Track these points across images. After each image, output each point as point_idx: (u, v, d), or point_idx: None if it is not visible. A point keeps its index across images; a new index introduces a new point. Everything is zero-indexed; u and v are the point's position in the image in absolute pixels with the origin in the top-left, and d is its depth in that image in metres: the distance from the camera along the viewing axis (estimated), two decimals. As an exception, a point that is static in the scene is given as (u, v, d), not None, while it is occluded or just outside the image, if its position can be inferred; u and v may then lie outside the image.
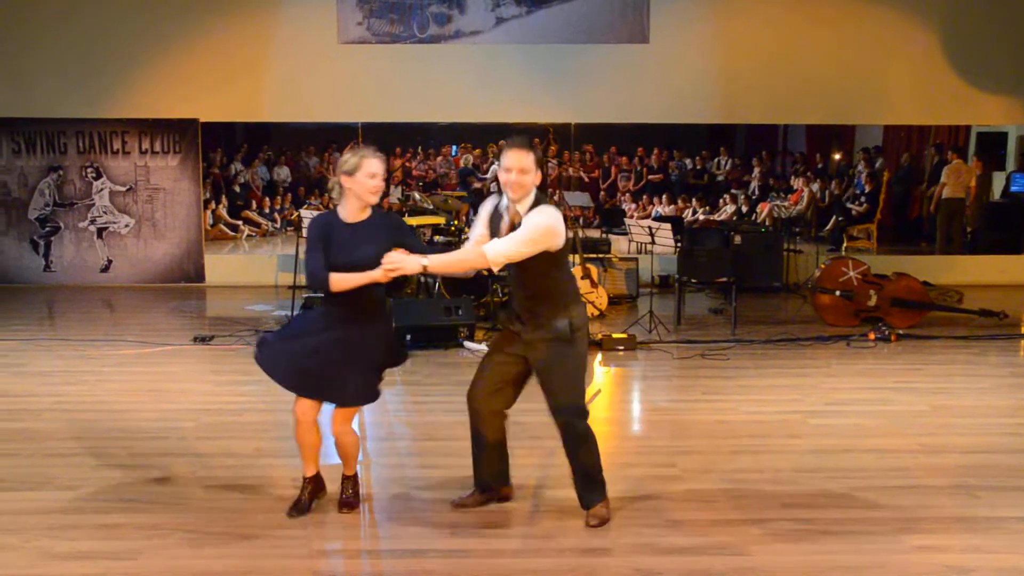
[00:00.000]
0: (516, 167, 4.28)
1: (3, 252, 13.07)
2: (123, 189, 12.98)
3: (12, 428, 6.32)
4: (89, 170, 12.93)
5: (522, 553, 4.30)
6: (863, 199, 13.23)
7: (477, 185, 13.04)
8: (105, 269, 13.11)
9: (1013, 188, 13.20)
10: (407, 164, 13.91)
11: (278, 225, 15.50)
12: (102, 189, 12.96)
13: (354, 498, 4.83)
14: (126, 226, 13.03)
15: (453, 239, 10.33)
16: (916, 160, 13.16)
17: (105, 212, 13.02)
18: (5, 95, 12.77)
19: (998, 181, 13.21)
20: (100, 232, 13.07)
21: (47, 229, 13.04)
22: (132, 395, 7.16)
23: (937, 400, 7.05)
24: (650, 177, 13.21)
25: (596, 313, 10.19)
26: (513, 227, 4.36)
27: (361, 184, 4.36)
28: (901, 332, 9.45)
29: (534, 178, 4.34)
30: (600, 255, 11.77)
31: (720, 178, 13.23)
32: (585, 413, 4.57)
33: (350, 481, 4.85)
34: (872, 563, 4.18)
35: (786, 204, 13.13)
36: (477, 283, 9.93)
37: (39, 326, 10.37)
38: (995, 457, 5.70)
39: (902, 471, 5.43)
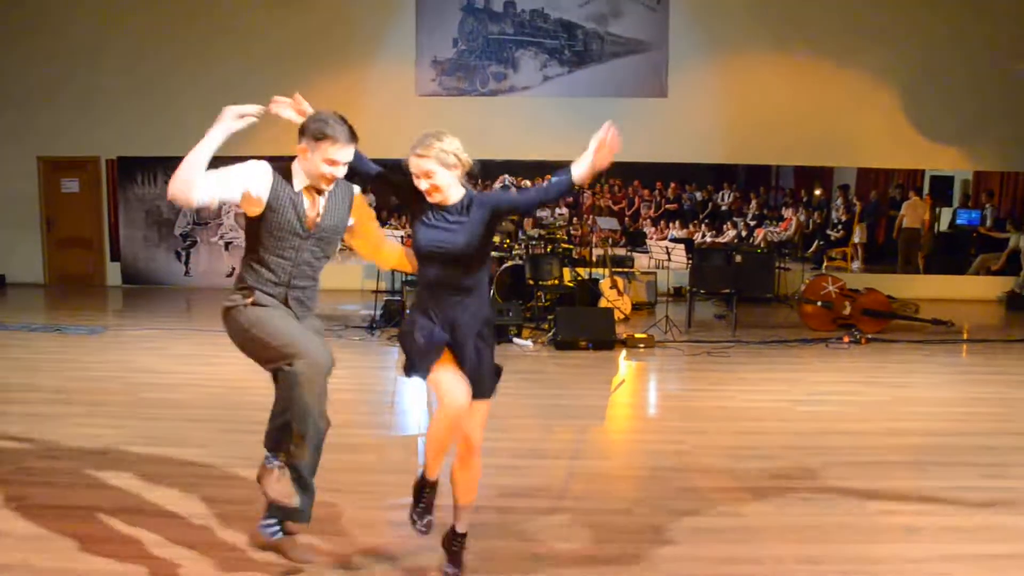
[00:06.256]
0: (344, 162, 3.36)
1: (155, 260, 13.37)
2: (245, 211, 13.18)
3: (158, 397, 6.49)
4: (219, 196, 13.15)
5: (557, 511, 4.33)
6: (840, 227, 13.13)
7: (540, 214, 13.10)
8: (230, 274, 13.32)
9: (958, 221, 13.21)
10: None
11: (366, 241, 15.66)
12: (229, 211, 13.20)
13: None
14: (247, 240, 13.23)
15: (504, 255, 10.37)
16: (882, 197, 13.11)
17: (231, 229, 13.25)
18: (161, 138, 13.04)
19: (947, 215, 13.25)
20: (227, 245, 13.31)
21: (188, 243, 13.32)
22: (252, 375, 7.17)
23: (897, 392, 7.00)
24: (667, 206, 13.18)
25: (622, 317, 10.19)
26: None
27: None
28: (870, 336, 9.37)
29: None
30: (625, 269, 11.78)
31: (724, 208, 13.17)
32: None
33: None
34: (842, 524, 4.17)
35: (777, 230, 13.03)
36: (523, 289, 9.97)
37: (179, 319, 10.58)
38: (944, 439, 5.66)
39: (869, 449, 5.40)
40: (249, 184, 3.33)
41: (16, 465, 4.87)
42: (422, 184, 3.22)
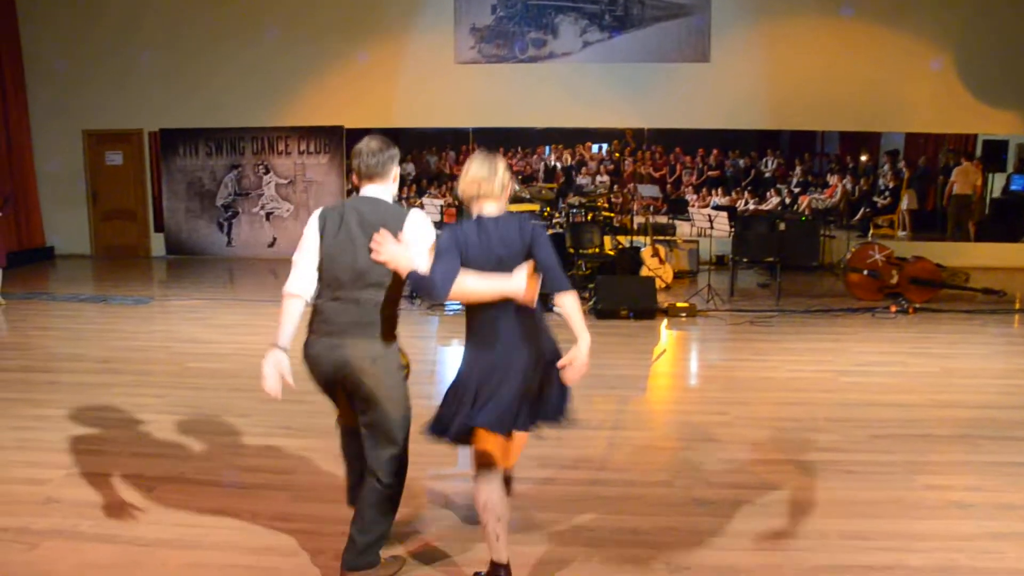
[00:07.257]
0: None
1: (198, 231, 13.50)
2: (285, 182, 13.28)
3: (202, 367, 6.58)
4: (260, 167, 13.25)
5: (599, 483, 4.32)
6: (887, 194, 12.84)
7: (581, 181, 13.00)
8: (271, 244, 13.44)
9: (1012, 187, 12.82)
10: (509, 161, 13.92)
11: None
12: (270, 182, 13.29)
13: None
14: (287, 211, 13.33)
15: (547, 223, 10.30)
16: (931, 163, 12.77)
17: (272, 200, 13.34)
18: (202, 110, 13.17)
19: (1000, 181, 12.86)
20: (268, 216, 13.40)
21: (229, 213, 13.43)
22: (296, 343, 7.33)
23: (946, 363, 6.84)
24: (709, 173, 12.97)
25: (663, 285, 10.10)
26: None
27: None
28: (918, 306, 9.17)
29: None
30: (667, 237, 11.66)
31: (767, 175, 12.94)
32: None
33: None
34: (888, 498, 4.10)
35: (822, 197, 12.78)
36: (564, 258, 9.89)
37: (223, 289, 10.69)
38: (993, 412, 5.52)
39: (915, 422, 5.29)
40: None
41: (65, 433, 4.97)
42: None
